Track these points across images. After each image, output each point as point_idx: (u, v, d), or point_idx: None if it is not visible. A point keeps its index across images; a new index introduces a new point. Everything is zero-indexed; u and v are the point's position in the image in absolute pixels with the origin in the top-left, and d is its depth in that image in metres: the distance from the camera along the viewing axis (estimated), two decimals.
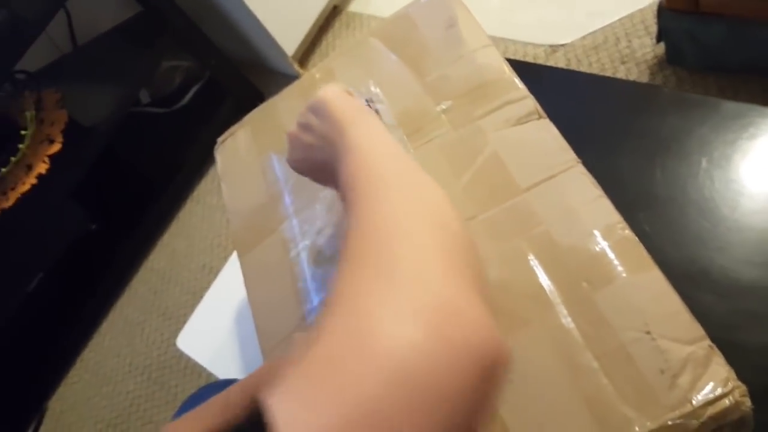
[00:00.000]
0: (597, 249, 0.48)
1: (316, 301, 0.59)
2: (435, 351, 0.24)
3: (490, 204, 0.54)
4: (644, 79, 1.18)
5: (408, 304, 0.26)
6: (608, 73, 1.23)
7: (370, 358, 0.24)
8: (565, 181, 0.53)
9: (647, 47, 1.20)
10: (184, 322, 0.94)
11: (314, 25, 1.72)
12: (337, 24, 1.79)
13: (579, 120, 0.75)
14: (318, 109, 0.47)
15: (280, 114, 0.73)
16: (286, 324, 0.59)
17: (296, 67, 1.72)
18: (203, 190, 1.73)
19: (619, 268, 0.46)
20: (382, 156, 0.40)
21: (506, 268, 0.50)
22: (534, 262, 0.49)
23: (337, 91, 0.47)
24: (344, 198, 0.39)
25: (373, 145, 0.41)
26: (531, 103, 0.58)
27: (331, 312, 0.28)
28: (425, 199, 0.35)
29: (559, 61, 1.31)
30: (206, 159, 1.70)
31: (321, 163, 0.48)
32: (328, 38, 1.78)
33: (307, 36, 1.72)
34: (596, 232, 0.49)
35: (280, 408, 0.23)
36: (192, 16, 1.57)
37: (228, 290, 0.90)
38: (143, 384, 1.44)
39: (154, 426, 1.32)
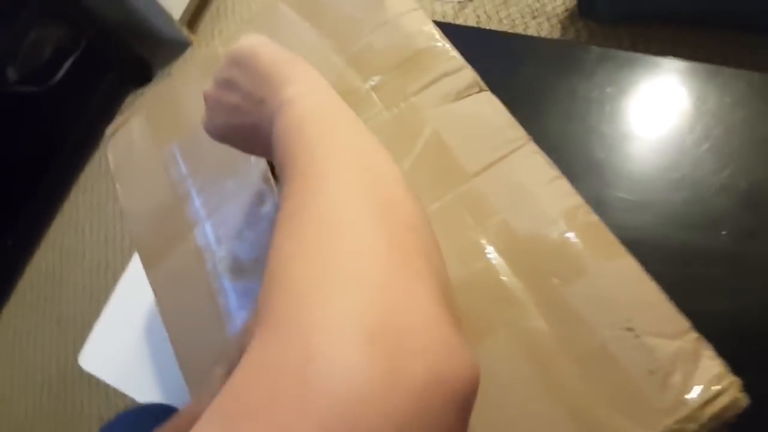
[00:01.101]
0: (561, 238, 0.43)
1: (239, 320, 0.51)
2: (387, 385, 0.19)
3: (437, 194, 0.48)
4: (556, 33, 1.15)
5: (354, 323, 0.20)
6: (519, 29, 1.19)
7: (304, 395, 0.18)
8: (516, 161, 0.47)
9: (557, 0, 1.18)
10: (83, 328, 0.83)
11: None
12: None
13: (493, 82, 0.71)
14: (242, 62, 0.39)
15: (179, 96, 0.63)
16: (209, 350, 0.51)
17: (185, 32, 1.57)
18: (89, 176, 1.56)
19: (589, 258, 0.42)
20: (325, 119, 0.33)
21: (464, 267, 0.44)
22: (494, 258, 0.44)
23: (264, 40, 0.39)
24: (280, 172, 0.32)
25: (316, 105, 0.34)
26: (470, 74, 0.52)
27: (257, 335, 0.22)
28: (376, 180, 0.29)
29: (468, 18, 1.26)
30: (89, 141, 1.54)
31: (249, 128, 0.39)
32: None
33: None
34: (558, 219, 0.44)
35: None
36: None
37: (134, 297, 0.80)
38: (43, 401, 1.29)
39: None
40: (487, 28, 1.18)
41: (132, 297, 0.80)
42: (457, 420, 0.21)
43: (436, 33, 0.55)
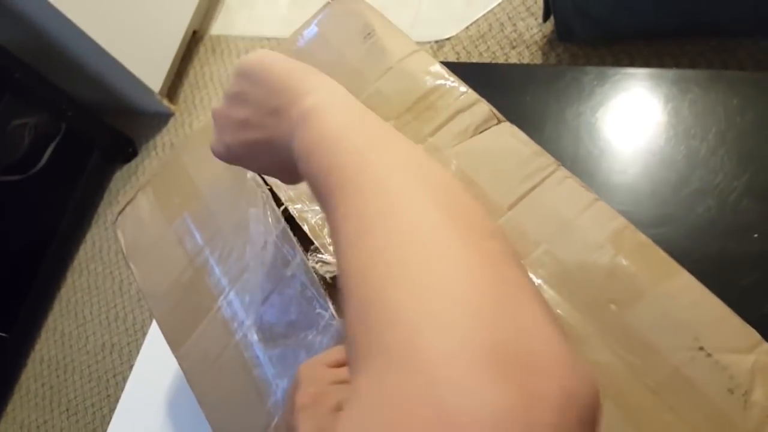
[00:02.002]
0: (612, 262, 0.42)
1: (280, 389, 0.49)
2: (522, 408, 0.18)
3: None
4: (538, 60, 1.16)
5: (475, 345, 0.19)
6: (501, 61, 1.21)
7: (440, 426, 0.18)
8: (550, 189, 0.46)
9: (534, 28, 1.19)
10: (94, 415, 0.79)
11: (176, 55, 1.58)
12: (202, 50, 1.66)
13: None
14: (253, 74, 0.37)
15: (186, 167, 0.62)
16: (251, 427, 0.49)
17: (166, 103, 1.57)
18: (84, 257, 1.53)
19: (644, 280, 0.41)
20: (365, 129, 0.30)
21: None
22: (545, 291, 0.42)
23: (274, 52, 0.38)
24: (315, 188, 0.30)
25: (348, 114, 0.31)
26: (485, 107, 0.51)
27: (362, 370, 0.21)
28: (443, 190, 0.27)
29: (448, 56, 1.28)
30: (80, 223, 1.51)
31: (262, 144, 0.37)
32: (195, 67, 1.65)
33: (171, 68, 1.58)
34: (605, 243, 0.43)
35: None
36: (35, 64, 1.37)
37: (152, 379, 0.76)
38: None
39: None
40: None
41: (150, 379, 0.76)
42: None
43: (443, 71, 0.55)
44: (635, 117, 0.66)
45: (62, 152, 1.58)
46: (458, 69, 0.64)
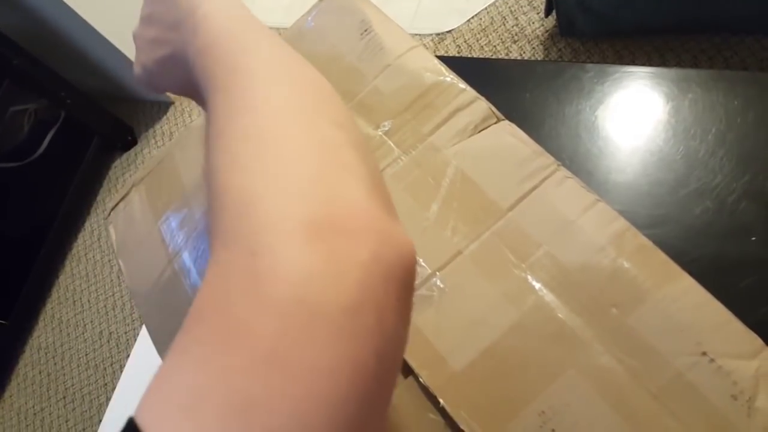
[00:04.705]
0: (613, 265, 0.42)
1: None
2: (330, 268, 0.21)
3: (472, 233, 0.46)
4: (539, 55, 1.16)
5: (290, 215, 0.22)
6: (502, 54, 1.20)
7: (255, 289, 0.20)
8: (550, 189, 0.46)
9: (536, 22, 1.19)
10: (91, 403, 0.79)
11: None
12: None
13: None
14: None
15: (177, 165, 0.61)
16: None
17: None
18: (83, 245, 1.53)
19: (646, 283, 0.40)
20: (240, 33, 0.32)
21: (515, 308, 0.42)
22: (545, 294, 0.42)
23: None
24: (204, 93, 0.32)
25: (229, 20, 0.33)
26: (484, 105, 0.51)
27: (211, 256, 0.23)
28: (300, 85, 0.29)
29: (449, 49, 1.27)
30: (80, 210, 1.50)
31: (169, 59, 0.38)
32: None
33: None
34: (606, 245, 0.42)
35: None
36: (34, 51, 1.36)
37: (149, 368, 0.76)
38: None
39: None
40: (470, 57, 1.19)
41: (146, 369, 0.76)
42: (400, 298, 0.23)
43: (442, 68, 0.54)
44: (635, 116, 0.66)
45: (61, 139, 1.57)
46: (456, 64, 0.64)
